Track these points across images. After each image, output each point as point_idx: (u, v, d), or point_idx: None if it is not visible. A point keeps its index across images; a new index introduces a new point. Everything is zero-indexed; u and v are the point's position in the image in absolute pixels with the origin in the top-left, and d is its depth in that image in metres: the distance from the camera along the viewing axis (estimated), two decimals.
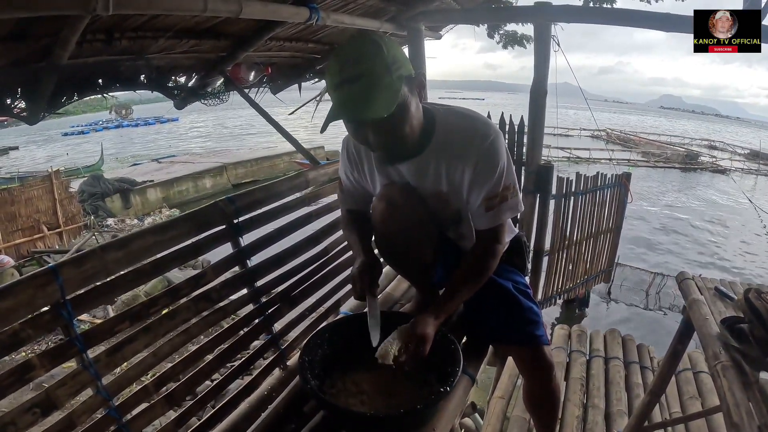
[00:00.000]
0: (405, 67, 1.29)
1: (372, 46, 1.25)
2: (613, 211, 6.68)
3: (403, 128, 1.32)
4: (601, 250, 6.85)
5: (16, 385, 1.05)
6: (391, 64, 1.24)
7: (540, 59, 3.27)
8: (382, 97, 1.21)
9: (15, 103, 2.18)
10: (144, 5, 1.70)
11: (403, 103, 1.28)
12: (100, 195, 15.31)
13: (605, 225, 6.64)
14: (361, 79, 1.21)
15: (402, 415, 1.29)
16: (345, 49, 1.27)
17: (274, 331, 1.82)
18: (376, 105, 1.20)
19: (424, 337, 1.35)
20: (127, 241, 1.30)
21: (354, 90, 1.22)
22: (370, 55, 1.23)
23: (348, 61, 1.23)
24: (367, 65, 1.22)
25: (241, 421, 1.55)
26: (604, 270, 7.15)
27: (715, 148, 33.98)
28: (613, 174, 6.44)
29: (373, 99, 1.21)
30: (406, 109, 1.30)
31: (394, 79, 1.24)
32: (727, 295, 2.14)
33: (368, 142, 1.36)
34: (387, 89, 1.23)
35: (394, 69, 1.25)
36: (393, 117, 1.24)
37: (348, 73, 1.22)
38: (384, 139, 1.34)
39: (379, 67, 1.23)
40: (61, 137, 36.97)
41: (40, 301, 1.09)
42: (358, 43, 1.27)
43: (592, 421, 3.15)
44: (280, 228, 1.86)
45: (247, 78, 3.33)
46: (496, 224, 1.51)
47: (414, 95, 1.34)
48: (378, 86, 1.22)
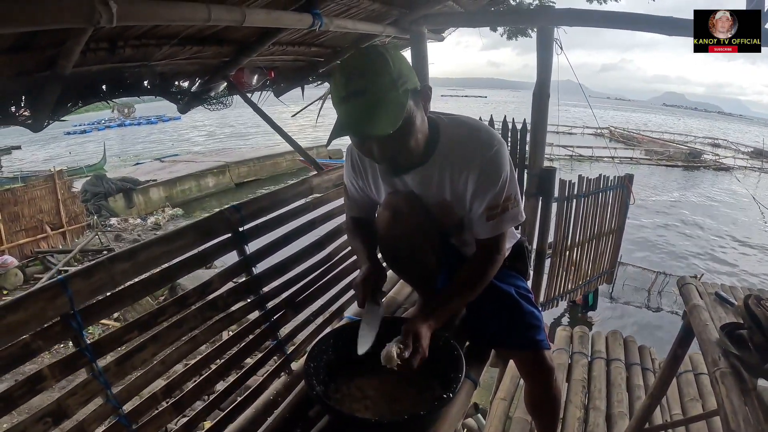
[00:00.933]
0: (411, 80, 1.29)
1: (378, 59, 1.25)
2: (616, 212, 6.68)
3: (408, 142, 1.33)
4: (603, 252, 6.83)
5: (28, 396, 1.07)
6: (397, 78, 1.24)
7: (543, 62, 3.28)
8: (388, 112, 1.22)
9: (19, 111, 2.20)
10: (147, 16, 1.69)
11: (409, 118, 1.28)
12: (102, 194, 15.37)
13: (607, 226, 6.62)
14: (366, 94, 1.22)
15: (405, 421, 1.31)
16: (351, 62, 1.28)
17: (280, 337, 1.84)
18: (382, 121, 1.21)
19: (418, 334, 1.35)
20: (135, 252, 1.31)
21: (360, 104, 1.22)
22: (376, 70, 1.23)
23: (354, 75, 1.24)
24: (373, 79, 1.22)
25: (247, 426, 1.57)
26: (606, 271, 7.14)
27: (719, 146, 33.89)
28: (615, 176, 6.43)
29: (378, 115, 1.21)
30: (412, 124, 1.30)
31: (400, 94, 1.24)
32: (728, 301, 2.15)
33: (373, 155, 1.36)
34: (392, 104, 1.23)
35: (400, 83, 1.25)
36: (398, 132, 1.24)
37: (354, 86, 1.23)
38: (389, 153, 1.35)
39: (385, 81, 1.23)
40: (64, 136, 36.97)
41: (50, 313, 1.11)
42: (365, 57, 1.27)
43: (593, 423, 3.16)
44: (285, 235, 1.88)
45: (250, 82, 3.34)
46: (496, 234, 1.52)
47: (419, 108, 1.34)
48: (384, 102, 1.22)
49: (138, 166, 21.33)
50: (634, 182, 6.76)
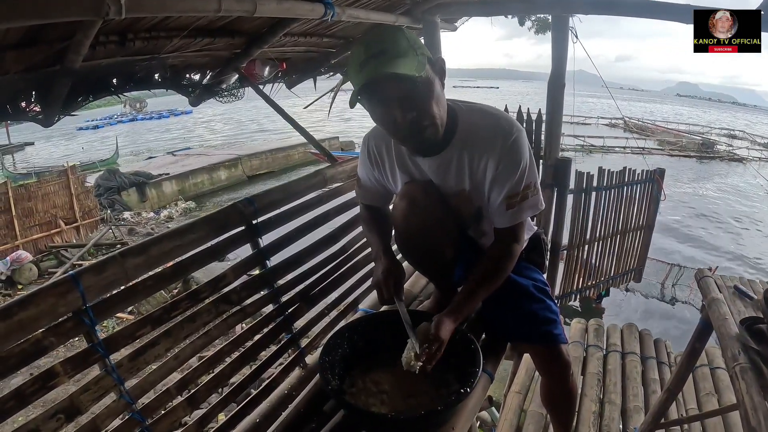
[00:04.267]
0: (426, 52, 1.31)
1: (395, 29, 1.32)
2: (644, 208, 6.28)
3: (430, 104, 1.32)
4: (630, 248, 6.43)
5: (40, 393, 1.06)
6: (414, 44, 1.28)
7: (558, 52, 3.22)
8: (409, 61, 1.24)
9: (30, 107, 2.19)
10: (156, 8, 1.67)
11: (428, 79, 1.30)
12: (116, 189, 15.50)
13: (634, 222, 6.24)
14: (386, 54, 1.24)
15: (422, 416, 1.29)
16: (369, 35, 1.33)
17: (294, 331, 1.82)
18: (404, 66, 1.22)
19: (442, 341, 1.34)
20: (147, 247, 1.30)
21: (381, 61, 1.23)
22: (393, 36, 1.28)
23: (373, 42, 1.27)
24: (392, 42, 1.26)
25: (262, 421, 1.56)
26: (633, 269, 6.68)
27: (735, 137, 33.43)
28: (643, 170, 6.05)
29: (400, 63, 1.23)
30: (432, 85, 1.32)
31: (419, 55, 1.27)
32: (747, 294, 2.11)
33: (396, 124, 1.33)
34: (412, 57, 1.25)
35: (417, 48, 1.28)
36: (420, 87, 1.27)
37: (373, 50, 1.25)
38: (413, 116, 1.31)
39: (403, 44, 1.26)
40: (76, 132, 37.34)
41: (62, 309, 1.10)
42: (380, 29, 1.35)
43: (608, 417, 3.13)
44: (298, 227, 1.87)
45: (262, 74, 3.32)
46: (515, 223, 1.50)
47: (437, 79, 1.35)
48: (404, 56, 1.24)
49: (150, 160, 21.50)
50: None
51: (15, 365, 1.02)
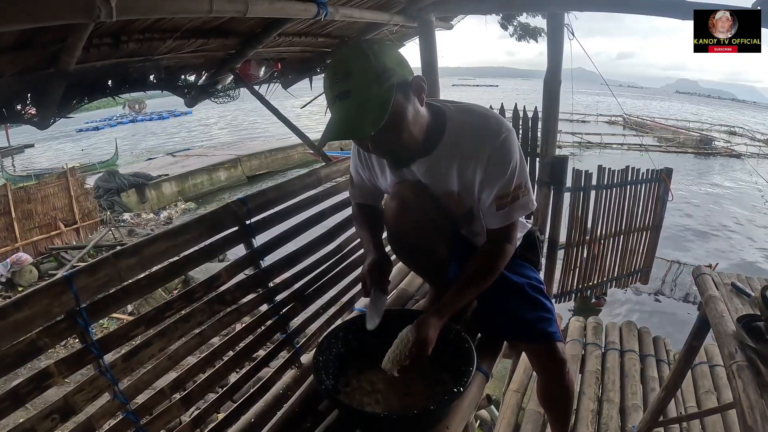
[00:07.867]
0: (398, 74, 1.27)
1: (359, 59, 1.25)
2: (650, 208, 6.15)
3: (399, 137, 1.32)
4: (635, 249, 6.32)
5: (35, 393, 1.06)
6: (381, 73, 1.24)
7: (553, 49, 3.22)
8: (372, 113, 1.22)
9: (25, 109, 2.19)
10: (148, 10, 1.68)
11: (397, 113, 1.27)
12: (115, 190, 15.48)
13: (640, 222, 6.14)
14: (350, 96, 1.23)
15: (415, 415, 1.29)
16: (335, 62, 1.31)
17: (289, 330, 1.82)
18: (366, 122, 1.21)
19: (426, 342, 1.35)
20: (140, 248, 1.30)
21: (344, 107, 1.24)
22: (358, 69, 1.24)
23: (338, 76, 1.26)
24: (355, 80, 1.23)
25: (257, 420, 1.56)
26: (639, 270, 6.56)
27: (735, 133, 33.37)
28: (648, 169, 5.94)
29: (362, 117, 1.22)
30: (401, 118, 1.29)
31: (385, 90, 1.23)
32: (744, 292, 2.10)
33: (371, 151, 1.40)
34: (376, 103, 1.22)
35: (384, 79, 1.24)
36: (387, 129, 1.24)
37: (338, 89, 1.25)
38: (383, 149, 1.39)
39: (368, 79, 1.23)
40: (76, 134, 37.27)
41: (56, 310, 1.10)
42: (347, 56, 1.29)
43: (607, 416, 3.13)
44: (293, 227, 1.86)
45: (257, 74, 3.33)
46: (507, 223, 1.50)
47: (411, 101, 1.32)
48: (367, 102, 1.23)
49: (150, 161, 21.46)
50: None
51: (10, 365, 1.03)
